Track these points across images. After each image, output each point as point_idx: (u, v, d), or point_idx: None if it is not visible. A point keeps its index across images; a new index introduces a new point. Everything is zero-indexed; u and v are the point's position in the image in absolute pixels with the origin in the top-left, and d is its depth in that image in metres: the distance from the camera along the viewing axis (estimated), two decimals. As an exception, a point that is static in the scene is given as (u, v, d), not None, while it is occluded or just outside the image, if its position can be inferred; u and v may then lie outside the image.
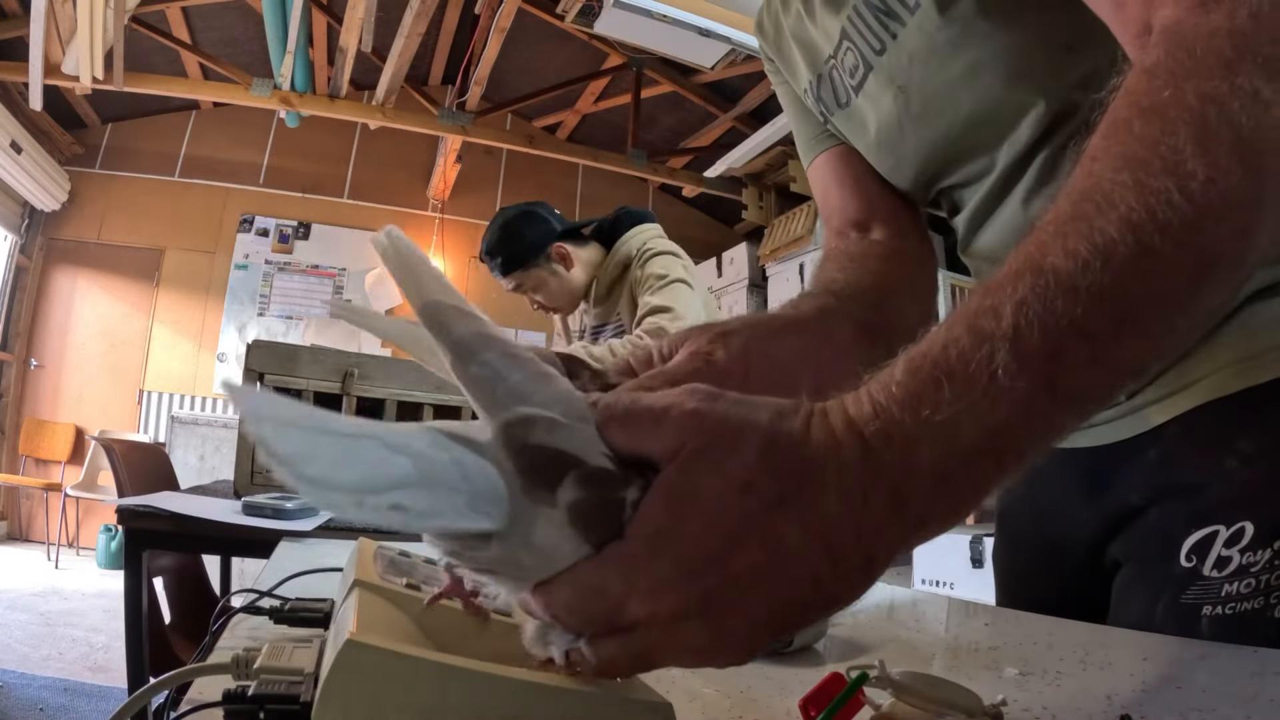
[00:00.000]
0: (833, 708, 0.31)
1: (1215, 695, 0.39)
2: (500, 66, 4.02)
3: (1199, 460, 0.54)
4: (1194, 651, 0.48)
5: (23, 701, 2.00)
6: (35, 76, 3.27)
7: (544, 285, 1.57)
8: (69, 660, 2.41)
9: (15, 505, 4.67)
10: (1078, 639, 0.53)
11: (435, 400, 1.26)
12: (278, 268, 5.14)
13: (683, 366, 0.41)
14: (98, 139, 4.99)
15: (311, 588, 0.50)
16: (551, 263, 1.54)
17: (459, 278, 5.47)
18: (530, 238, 1.52)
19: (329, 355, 1.22)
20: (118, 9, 2.92)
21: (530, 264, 1.54)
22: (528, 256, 1.52)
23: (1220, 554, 0.52)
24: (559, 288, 1.57)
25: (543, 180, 5.62)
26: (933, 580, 2.53)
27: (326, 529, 0.94)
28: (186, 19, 4.25)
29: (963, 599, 0.68)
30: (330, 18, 4.01)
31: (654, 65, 4.48)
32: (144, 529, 0.95)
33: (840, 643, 0.51)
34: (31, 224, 4.77)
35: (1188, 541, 0.53)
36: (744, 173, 4.25)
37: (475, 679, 0.25)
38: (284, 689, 0.30)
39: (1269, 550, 0.50)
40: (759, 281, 4.07)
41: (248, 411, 0.21)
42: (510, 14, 3.48)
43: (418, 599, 0.35)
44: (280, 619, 0.42)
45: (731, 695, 0.39)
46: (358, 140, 5.31)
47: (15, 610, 2.96)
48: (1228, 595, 0.52)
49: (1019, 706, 0.37)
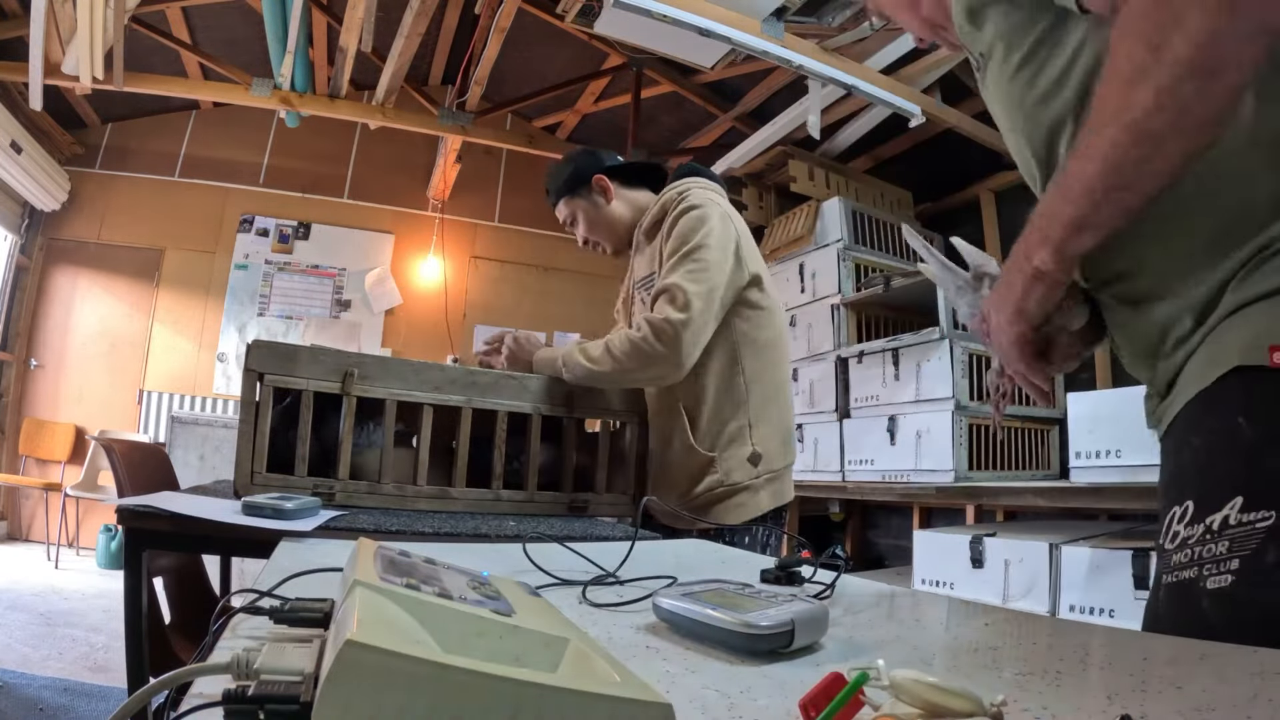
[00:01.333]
0: (833, 708, 0.31)
1: (1215, 695, 0.39)
2: (500, 66, 4.02)
3: (1176, 453, 0.65)
4: (1194, 651, 0.48)
5: (23, 701, 2.00)
6: (35, 76, 3.27)
7: (584, 214, 1.60)
8: (69, 660, 2.41)
9: (15, 505, 4.67)
10: (1078, 639, 0.53)
11: (435, 400, 1.26)
12: (278, 268, 5.14)
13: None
14: (98, 139, 4.99)
15: (311, 588, 0.50)
16: (593, 193, 1.59)
17: (459, 277, 5.46)
18: (577, 166, 1.60)
19: (329, 355, 1.22)
20: (118, 9, 2.92)
21: (574, 192, 1.60)
22: (573, 184, 1.60)
23: (1173, 529, 0.61)
24: (596, 218, 1.59)
25: (542, 180, 5.61)
26: (933, 580, 2.53)
27: (326, 529, 0.94)
28: (186, 19, 4.25)
29: (963, 599, 0.68)
30: (330, 18, 4.01)
31: (654, 65, 4.48)
32: (144, 529, 0.95)
33: (840, 643, 0.51)
34: (31, 224, 4.77)
35: (1163, 522, 0.63)
36: (744, 173, 4.25)
37: (475, 679, 0.25)
38: (284, 689, 0.30)
39: (1201, 525, 0.58)
40: (759, 281, 4.08)
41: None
42: (510, 14, 3.48)
43: (417, 599, 0.35)
44: (280, 619, 0.42)
45: (731, 695, 0.39)
46: (358, 140, 5.31)
47: (15, 610, 2.96)
48: (1175, 564, 0.60)
49: (1019, 706, 0.37)
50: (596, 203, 1.59)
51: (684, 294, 1.30)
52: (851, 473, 3.19)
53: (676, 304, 1.30)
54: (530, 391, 1.36)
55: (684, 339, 1.29)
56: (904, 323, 3.37)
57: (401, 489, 1.24)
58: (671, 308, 1.30)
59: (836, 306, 3.40)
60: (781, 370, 1.49)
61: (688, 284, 1.31)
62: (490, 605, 0.37)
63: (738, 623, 0.47)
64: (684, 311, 1.29)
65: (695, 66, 3.13)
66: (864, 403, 3.18)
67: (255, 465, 1.16)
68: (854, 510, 4.09)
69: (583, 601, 0.61)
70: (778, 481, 1.44)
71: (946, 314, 2.84)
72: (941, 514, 3.57)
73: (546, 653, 0.34)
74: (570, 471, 1.39)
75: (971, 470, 2.75)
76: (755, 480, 1.40)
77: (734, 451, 1.40)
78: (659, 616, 0.53)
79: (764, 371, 1.44)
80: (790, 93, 3.93)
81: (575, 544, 0.88)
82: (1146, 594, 1.86)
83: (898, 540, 3.90)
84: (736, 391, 1.41)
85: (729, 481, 1.39)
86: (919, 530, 2.80)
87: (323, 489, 1.18)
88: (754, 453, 1.40)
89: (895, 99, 3.07)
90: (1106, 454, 2.16)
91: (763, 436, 1.42)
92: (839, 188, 3.88)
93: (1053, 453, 3.07)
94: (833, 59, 2.90)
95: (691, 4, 2.50)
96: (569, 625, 0.40)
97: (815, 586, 0.70)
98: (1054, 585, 2.17)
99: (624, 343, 1.32)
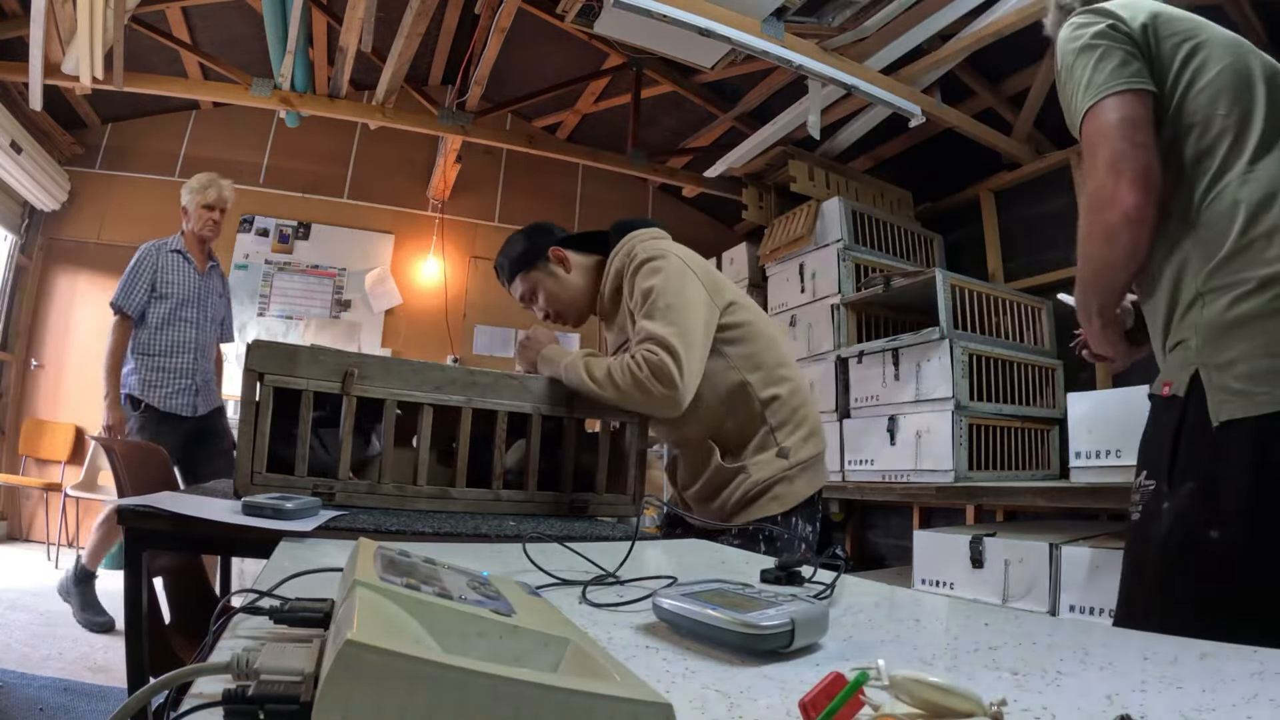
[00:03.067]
0: (833, 708, 0.31)
1: (1215, 695, 0.39)
2: (500, 66, 4.01)
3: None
4: (1194, 651, 0.48)
5: (23, 701, 2.00)
6: (35, 76, 3.27)
7: (544, 286, 1.60)
8: (69, 660, 2.41)
9: (15, 505, 4.67)
10: (1078, 639, 0.53)
11: (435, 400, 1.26)
12: (278, 268, 5.14)
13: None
14: (98, 139, 4.98)
15: (311, 588, 0.50)
16: (550, 264, 1.59)
17: (459, 277, 5.46)
18: (532, 241, 1.61)
19: (329, 355, 1.22)
20: (118, 9, 2.92)
21: (531, 266, 1.60)
22: (530, 259, 1.60)
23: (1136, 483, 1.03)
24: (557, 290, 1.60)
25: (543, 180, 5.62)
26: (933, 580, 2.53)
27: (326, 529, 0.94)
28: (186, 19, 4.25)
29: (963, 599, 0.68)
30: (330, 18, 4.01)
31: (654, 65, 4.48)
32: (144, 529, 0.95)
33: (840, 643, 0.51)
34: (31, 224, 4.77)
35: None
36: (744, 173, 4.25)
37: (475, 679, 0.25)
38: (284, 689, 0.30)
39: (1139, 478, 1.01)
40: (759, 281, 4.07)
41: None
42: (510, 14, 3.48)
43: (417, 599, 0.34)
44: (280, 619, 0.42)
45: (731, 695, 0.39)
46: (358, 140, 5.31)
47: (15, 610, 2.96)
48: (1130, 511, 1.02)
49: (1019, 706, 0.37)
50: (555, 274, 1.60)
51: (667, 337, 1.33)
52: (851, 473, 3.19)
53: (666, 348, 1.32)
54: (530, 391, 1.36)
55: (680, 380, 1.31)
56: (904, 323, 3.38)
57: (401, 489, 1.24)
58: (663, 352, 1.32)
59: (836, 306, 3.40)
60: (788, 369, 1.50)
61: (667, 329, 1.34)
62: (490, 605, 0.37)
63: (738, 623, 0.47)
64: (673, 355, 1.31)
65: (695, 66, 3.13)
66: (864, 403, 3.18)
67: (255, 465, 1.16)
68: (854, 510, 4.10)
69: (583, 601, 0.61)
70: (811, 470, 1.48)
71: (946, 313, 2.84)
72: (941, 514, 3.57)
73: (546, 653, 0.34)
74: (570, 471, 1.39)
75: (971, 470, 2.75)
76: (789, 472, 1.44)
77: (761, 457, 1.44)
78: (659, 616, 0.53)
79: (769, 378, 1.46)
80: (790, 93, 3.93)
81: (575, 544, 0.88)
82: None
83: (898, 540, 3.90)
84: (751, 407, 1.44)
85: (762, 479, 1.42)
86: (919, 530, 2.80)
87: (323, 489, 1.18)
88: (781, 449, 1.44)
89: (895, 99, 3.07)
90: (1106, 454, 2.17)
91: (787, 436, 1.45)
92: (839, 188, 3.88)
93: (1053, 453, 3.07)
94: (833, 59, 2.90)
95: (691, 4, 2.50)
96: (569, 625, 0.40)
97: (815, 586, 0.70)
98: (1054, 585, 2.17)
99: (625, 373, 1.33)
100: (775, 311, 3.82)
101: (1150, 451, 1.01)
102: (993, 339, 3.04)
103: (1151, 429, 1.02)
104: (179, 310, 2.97)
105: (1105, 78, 1.00)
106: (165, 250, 3.01)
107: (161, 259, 2.98)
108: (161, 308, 2.95)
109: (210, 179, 3.04)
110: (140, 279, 2.93)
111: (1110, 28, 1.03)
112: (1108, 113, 0.99)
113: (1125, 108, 0.98)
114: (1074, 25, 1.07)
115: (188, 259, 3.05)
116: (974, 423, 2.79)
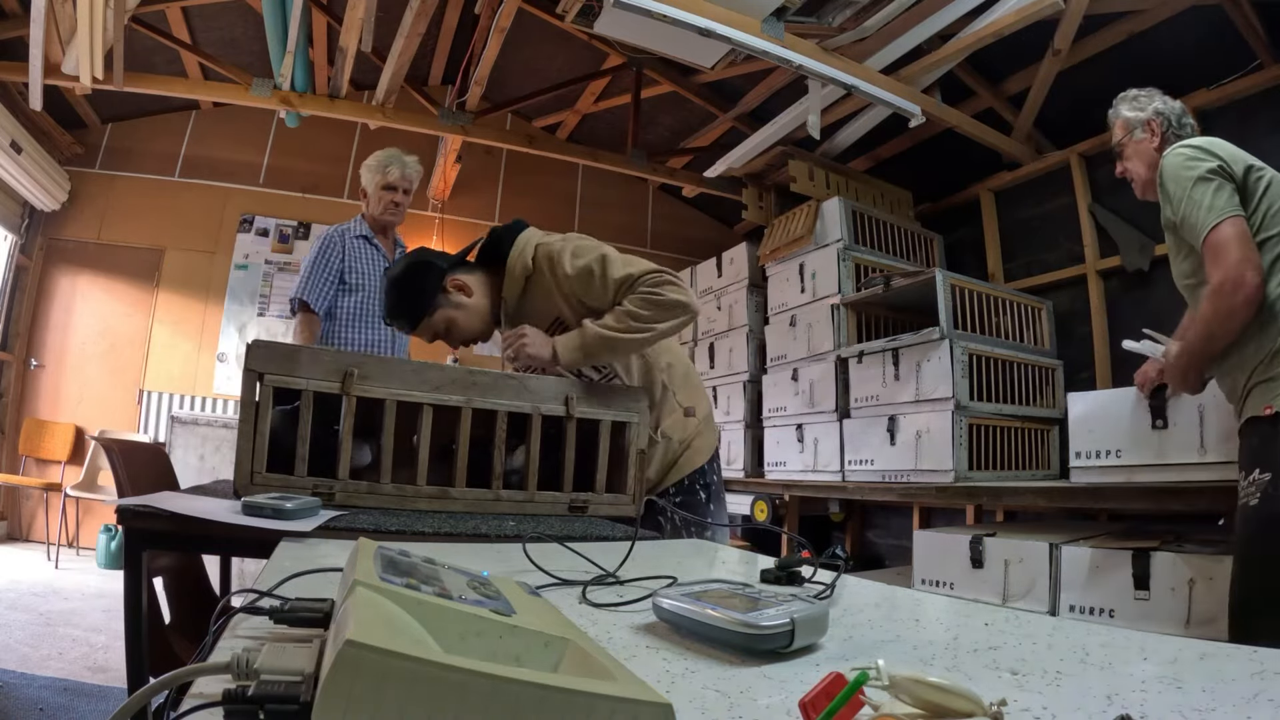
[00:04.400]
0: (833, 708, 0.31)
1: (1215, 695, 0.39)
2: (500, 66, 4.02)
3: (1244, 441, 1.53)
4: (1194, 651, 0.48)
5: (23, 701, 2.00)
6: (35, 76, 3.27)
7: (454, 323, 1.52)
8: (69, 660, 2.41)
9: (15, 505, 4.67)
10: (1078, 639, 0.53)
11: (435, 400, 1.26)
12: (278, 268, 5.14)
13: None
14: (98, 139, 4.99)
15: (311, 588, 0.50)
16: (450, 296, 1.51)
17: (459, 278, 5.46)
18: (423, 283, 1.51)
19: (329, 355, 1.22)
20: (118, 9, 2.92)
21: (434, 309, 1.51)
22: (429, 302, 1.50)
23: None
24: (467, 319, 1.53)
25: (542, 180, 5.62)
26: (933, 580, 2.53)
27: (326, 529, 0.94)
28: (186, 19, 4.25)
29: (963, 599, 0.68)
30: (330, 18, 4.02)
31: (654, 65, 4.48)
32: (144, 529, 0.95)
33: (840, 643, 0.51)
34: (31, 224, 4.77)
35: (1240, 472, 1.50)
36: (744, 173, 4.25)
37: (475, 679, 0.25)
38: (284, 689, 0.30)
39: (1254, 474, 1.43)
40: (759, 281, 4.07)
41: None
42: (510, 14, 3.48)
43: (417, 599, 0.34)
44: (280, 619, 0.42)
45: (731, 695, 0.39)
46: (358, 140, 5.31)
47: (15, 610, 2.96)
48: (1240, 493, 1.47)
49: (1019, 706, 0.37)
50: (460, 303, 1.51)
51: (643, 269, 1.45)
52: (851, 473, 3.19)
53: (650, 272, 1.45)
54: (530, 391, 1.36)
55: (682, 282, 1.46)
56: (904, 322, 3.37)
57: (401, 489, 1.24)
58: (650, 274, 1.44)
59: (836, 306, 3.40)
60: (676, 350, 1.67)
61: (634, 267, 1.46)
62: (490, 605, 0.37)
63: (738, 623, 0.47)
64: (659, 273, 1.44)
65: (695, 66, 3.13)
66: (864, 402, 3.18)
67: (255, 465, 1.16)
68: (854, 510, 4.10)
69: (583, 601, 0.61)
70: (708, 424, 1.67)
71: (946, 313, 2.84)
72: (941, 514, 3.57)
73: (546, 653, 0.34)
74: (569, 471, 1.39)
75: (971, 470, 2.75)
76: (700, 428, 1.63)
77: (671, 420, 1.60)
78: (659, 616, 0.53)
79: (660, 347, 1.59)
80: (790, 93, 3.93)
81: (575, 544, 0.88)
82: (1147, 594, 1.90)
83: (898, 540, 3.90)
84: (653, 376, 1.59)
85: (682, 440, 1.60)
86: (919, 530, 2.80)
87: (323, 489, 1.18)
88: (686, 409, 1.61)
89: (895, 99, 3.07)
90: (1106, 454, 2.16)
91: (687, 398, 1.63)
92: (839, 188, 3.88)
93: (1053, 453, 3.07)
94: (833, 59, 2.90)
95: (691, 4, 2.50)
96: (569, 625, 0.40)
97: (815, 586, 0.70)
98: (1054, 585, 2.17)
99: (641, 305, 1.43)
100: (775, 311, 3.82)
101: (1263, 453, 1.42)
102: (993, 339, 3.05)
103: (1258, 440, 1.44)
104: (370, 303, 2.52)
105: (1224, 204, 1.48)
106: (350, 235, 2.57)
107: (348, 246, 2.54)
108: (349, 301, 2.51)
109: (391, 155, 2.60)
110: (327, 269, 2.49)
111: (1220, 168, 1.51)
112: (1229, 228, 1.47)
113: (1239, 226, 1.47)
114: (1187, 156, 1.55)
115: (375, 246, 2.60)
116: (974, 423, 2.79)
